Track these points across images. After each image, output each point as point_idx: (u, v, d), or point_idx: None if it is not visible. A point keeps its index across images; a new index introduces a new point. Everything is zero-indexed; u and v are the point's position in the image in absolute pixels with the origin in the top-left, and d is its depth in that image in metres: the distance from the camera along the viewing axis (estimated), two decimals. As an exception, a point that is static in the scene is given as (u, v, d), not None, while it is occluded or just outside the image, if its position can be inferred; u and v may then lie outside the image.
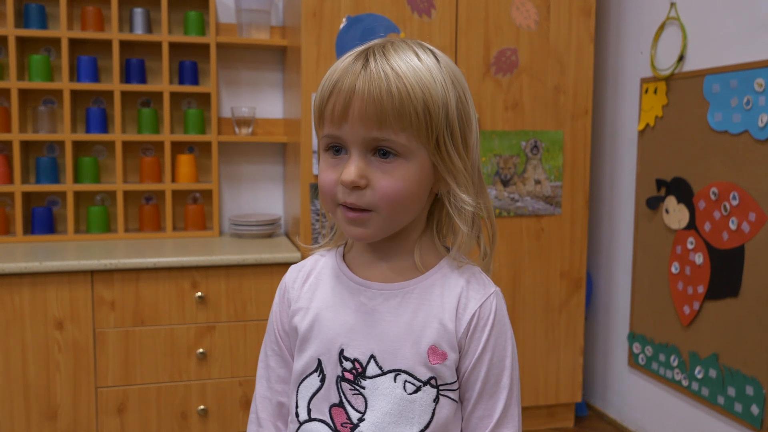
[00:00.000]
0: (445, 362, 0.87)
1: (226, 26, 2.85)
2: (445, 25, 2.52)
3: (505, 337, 0.90)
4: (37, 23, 2.60)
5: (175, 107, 2.84)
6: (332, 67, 0.85)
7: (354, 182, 0.81)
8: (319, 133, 0.87)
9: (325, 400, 0.89)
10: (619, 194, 2.86)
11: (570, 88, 2.66)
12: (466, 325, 0.87)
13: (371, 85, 0.80)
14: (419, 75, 0.81)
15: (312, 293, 0.94)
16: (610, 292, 2.93)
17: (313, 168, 2.44)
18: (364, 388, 0.87)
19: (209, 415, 2.44)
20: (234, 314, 2.42)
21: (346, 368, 0.88)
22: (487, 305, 0.89)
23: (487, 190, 0.92)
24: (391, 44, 0.85)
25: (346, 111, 0.81)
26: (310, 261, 0.99)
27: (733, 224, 2.20)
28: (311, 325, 0.91)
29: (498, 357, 0.89)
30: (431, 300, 0.88)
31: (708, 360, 2.33)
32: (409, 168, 0.83)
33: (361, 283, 0.90)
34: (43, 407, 2.28)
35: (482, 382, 0.88)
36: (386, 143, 0.81)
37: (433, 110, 0.81)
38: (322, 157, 0.87)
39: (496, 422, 0.88)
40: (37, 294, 2.24)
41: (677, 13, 2.48)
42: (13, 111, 2.57)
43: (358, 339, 0.88)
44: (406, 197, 0.83)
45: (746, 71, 2.14)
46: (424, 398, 0.86)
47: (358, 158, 0.82)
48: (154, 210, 2.79)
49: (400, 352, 0.86)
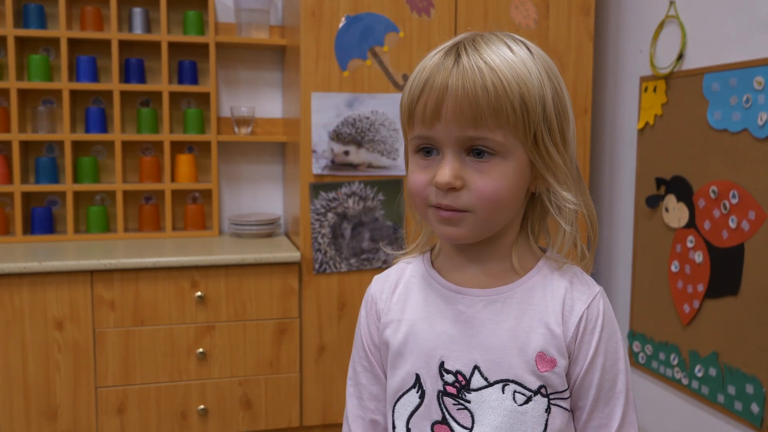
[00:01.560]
0: (555, 369, 0.81)
1: (226, 26, 2.85)
2: (445, 25, 2.52)
3: (615, 338, 0.84)
4: (36, 23, 2.60)
5: (174, 107, 2.84)
6: (420, 65, 0.80)
7: (449, 183, 0.76)
8: (408, 135, 0.82)
9: (426, 418, 0.84)
10: (619, 193, 2.85)
11: (569, 87, 2.66)
12: (575, 328, 0.82)
13: (465, 81, 0.75)
14: (514, 68, 0.76)
15: (403, 304, 0.88)
16: (609, 291, 2.93)
17: (313, 167, 2.44)
18: (470, 402, 0.82)
19: (209, 414, 2.43)
20: (234, 314, 2.42)
21: (448, 382, 0.83)
22: (594, 306, 0.83)
23: (585, 187, 0.86)
24: (482, 37, 0.79)
25: (438, 110, 0.76)
26: (396, 270, 0.93)
27: (732, 223, 2.20)
28: (405, 338, 0.86)
29: (611, 360, 0.83)
30: (534, 303, 0.83)
31: (708, 358, 2.33)
32: (507, 167, 0.78)
33: (456, 290, 0.85)
34: (43, 407, 2.28)
35: (597, 389, 0.82)
36: (482, 142, 0.76)
37: (531, 105, 0.76)
38: (412, 159, 0.82)
39: (616, 431, 0.83)
40: (37, 294, 2.24)
41: (676, 11, 2.48)
42: (12, 111, 2.57)
43: (460, 350, 0.83)
44: (504, 197, 0.78)
45: (746, 69, 2.14)
46: (536, 409, 0.81)
47: (452, 159, 0.77)
48: (154, 210, 2.79)
49: (506, 360, 0.81)
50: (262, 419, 2.50)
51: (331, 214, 2.48)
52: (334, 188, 2.47)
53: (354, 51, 2.44)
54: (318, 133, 2.44)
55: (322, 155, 2.45)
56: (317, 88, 2.43)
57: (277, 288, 2.45)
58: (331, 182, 2.47)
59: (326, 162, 2.45)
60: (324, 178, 2.46)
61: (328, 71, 2.43)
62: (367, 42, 2.45)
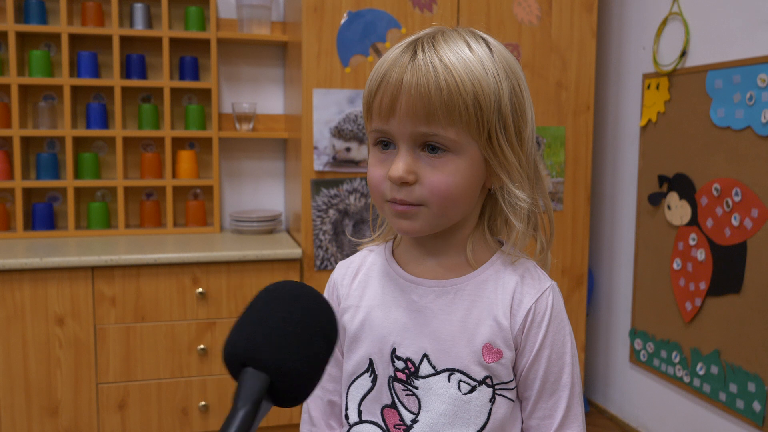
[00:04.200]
0: (501, 360, 0.84)
1: (227, 21, 2.85)
2: (447, 21, 2.51)
3: (563, 332, 0.86)
4: (37, 18, 2.60)
5: (175, 103, 2.84)
6: (381, 59, 0.82)
7: (402, 178, 0.78)
8: (368, 128, 0.84)
9: (377, 402, 0.87)
10: (621, 190, 2.85)
11: (572, 84, 2.65)
12: (522, 321, 0.84)
13: (419, 78, 0.76)
14: (469, 67, 0.77)
15: (362, 291, 0.91)
16: (611, 289, 2.93)
17: (314, 164, 2.44)
18: (417, 389, 0.84)
19: (210, 411, 2.43)
20: (235, 310, 2.42)
21: (399, 368, 0.85)
22: (542, 300, 0.85)
23: (544, 185, 0.88)
24: (442, 34, 0.81)
25: (393, 105, 0.78)
26: (359, 257, 0.96)
27: (735, 220, 2.19)
28: (362, 324, 0.89)
29: (557, 354, 0.85)
30: (484, 296, 0.85)
31: (710, 356, 2.32)
32: (459, 163, 0.79)
33: (411, 281, 0.87)
34: (44, 403, 2.28)
35: (541, 381, 0.85)
36: (435, 138, 0.78)
37: (484, 104, 0.78)
38: (371, 152, 0.85)
39: (560, 423, 0.85)
40: (38, 290, 2.24)
41: (680, 8, 2.47)
42: (13, 107, 2.57)
43: (411, 338, 0.85)
44: (456, 192, 0.80)
45: (749, 67, 2.13)
46: (480, 398, 0.84)
47: (406, 153, 0.79)
48: (155, 206, 2.79)
49: (454, 350, 0.84)
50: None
51: (332, 211, 2.47)
52: (336, 185, 2.46)
53: (356, 47, 2.44)
54: (319, 130, 2.43)
55: (323, 152, 2.44)
56: (319, 84, 2.42)
57: (278, 284, 2.45)
58: (333, 179, 2.46)
59: (328, 158, 2.45)
60: (325, 175, 2.46)
61: (329, 67, 2.42)
62: (369, 38, 2.45)
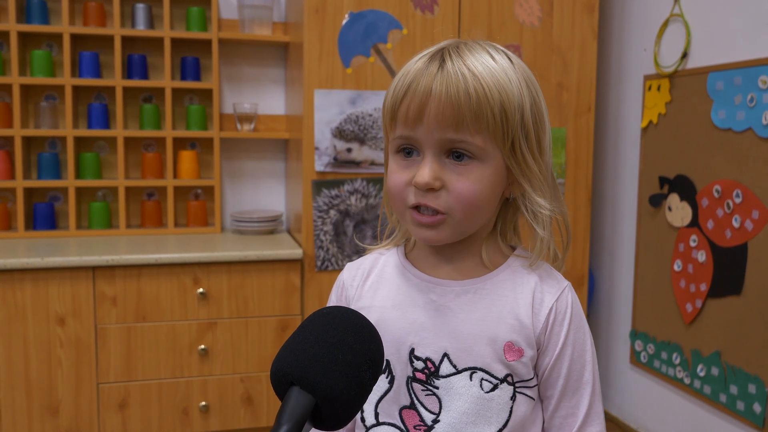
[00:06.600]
0: (522, 359, 0.85)
1: (229, 22, 2.85)
2: (448, 22, 2.51)
3: (583, 330, 0.88)
4: (38, 18, 2.60)
5: (177, 103, 2.84)
6: (404, 69, 0.84)
7: (428, 184, 0.79)
8: (390, 135, 0.85)
9: (395, 403, 0.86)
10: (622, 192, 2.85)
11: (573, 85, 2.65)
12: (545, 320, 0.85)
13: (449, 86, 0.78)
14: (496, 76, 0.80)
15: (374, 291, 0.91)
16: (612, 290, 2.93)
17: (315, 164, 2.44)
18: (438, 388, 0.85)
19: (211, 411, 2.44)
20: (236, 311, 2.42)
21: (418, 368, 0.85)
22: (563, 299, 0.87)
23: (560, 193, 0.89)
24: (465, 45, 0.83)
25: (421, 112, 0.79)
26: (369, 259, 0.96)
27: (736, 222, 2.20)
28: (376, 324, 0.87)
29: (578, 352, 0.86)
30: (504, 295, 0.86)
31: (710, 358, 2.32)
32: (484, 170, 0.81)
33: (429, 281, 0.88)
34: (45, 403, 2.28)
35: (564, 379, 0.86)
36: (462, 145, 0.80)
37: (510, 112, 0.80)
38: (392, 159, 0.85)
39: (582, 420, 0.86)
40: (39, 290, 2.24)
41: (681, 9, 2.47)
42: (14, 106, 2.57)
43: (430, 337, 0.85)
44: (480, 199, 0.81)
45: (750, 68, 2.13)
46: (502, 396, 0.84)
47: (432, 160, 0.80)
48: (156, 206, 2.79)
49: (475, 349, 0.84)
50: (264, 416, 2.50)
51: (333, 212, 2.47)
52: (337, 185, 2.47)
53: (357, 48, 2.44)
54: (321, 130, 2.43)
55: (324, 152, 2.44)
56: (320, 85, 2.42)
57: (279, 285, 2.45)
58: (334, 179, 2.46)
59: (329, 159, 2.45)
60: (326, 176, 2.46)
61: (331, 68, 2.42)
62: (371, 39, 2.45)
